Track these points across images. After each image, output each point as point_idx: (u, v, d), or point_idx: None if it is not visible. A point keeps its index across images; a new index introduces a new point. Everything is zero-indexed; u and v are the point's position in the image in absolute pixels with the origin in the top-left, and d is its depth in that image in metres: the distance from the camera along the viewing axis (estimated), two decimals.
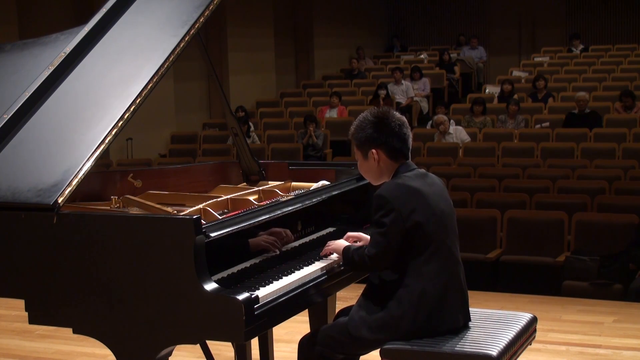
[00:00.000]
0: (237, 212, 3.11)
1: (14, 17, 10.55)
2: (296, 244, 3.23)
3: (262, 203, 3.33)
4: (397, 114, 3.09)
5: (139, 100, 2.99)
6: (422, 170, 3.06)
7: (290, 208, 3.19)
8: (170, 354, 2.78)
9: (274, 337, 3.85)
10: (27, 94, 3.15)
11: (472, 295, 3.09)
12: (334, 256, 3.17)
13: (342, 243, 3.15)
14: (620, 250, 6.57)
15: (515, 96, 12.05)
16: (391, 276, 2.96)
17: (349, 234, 3.27)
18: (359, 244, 3.20)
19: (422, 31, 19.66)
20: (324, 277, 3.05)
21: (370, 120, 3.04)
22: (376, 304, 2.96)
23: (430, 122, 11.68)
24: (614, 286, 6.39)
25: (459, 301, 2.99)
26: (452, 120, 11.01)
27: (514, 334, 2.99)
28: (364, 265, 3.01)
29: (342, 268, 3.14)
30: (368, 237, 3.23)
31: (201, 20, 3.20)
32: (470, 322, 3.05)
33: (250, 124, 11.88)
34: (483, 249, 7.04)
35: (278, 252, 3.09)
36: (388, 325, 2.91)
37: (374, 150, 3.02)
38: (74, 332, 2.84)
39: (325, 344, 3.03)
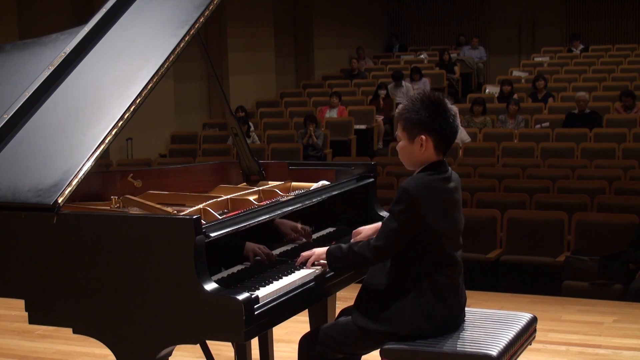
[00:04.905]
0: (237, 212, 3.11)
1: (14, 17, 10.55)
2: (296, 244, 3.23)
3: (262, 203, 3.32)
4: (452, 105, 2.90)
5: (138, 100, 2.98)
6: (450, 172, 2.95)
7: (290, 208, 3.18)
8: (170, 354, 2.78)
9: (274, 337, 3.84)
10: (27, 94, 3.15)
11: (472, 295, 3.10)
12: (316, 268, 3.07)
13: (320, 249, 3.03)
14: (620, 250, 6.57)
15: (515, 96, 12.05)
16: (393, 277, 2.94)
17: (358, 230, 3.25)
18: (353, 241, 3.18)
19: (422, 31, 19.66)
20: (324, 277, 3.05)
21: (426, 103, 2.84)
22: (376, 304, 2.94)
23: None
24: (614, 286, 6.39)
25: (459, 303, 2.99)
26: None
27: (514, 334, 2.98)
28: (365, 257, 2.88)
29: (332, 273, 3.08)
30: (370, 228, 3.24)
31: (201, 20, 3.20)
32: (470, 322, 3.05)
33: (250, 124, 11.88)
34: (483, 249, 7.04)
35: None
36: (388, 325, 2.90)
37: (423, 137, 2.84)
38: (74, 332, 2.84)
39: (326, 344, 3.02)
